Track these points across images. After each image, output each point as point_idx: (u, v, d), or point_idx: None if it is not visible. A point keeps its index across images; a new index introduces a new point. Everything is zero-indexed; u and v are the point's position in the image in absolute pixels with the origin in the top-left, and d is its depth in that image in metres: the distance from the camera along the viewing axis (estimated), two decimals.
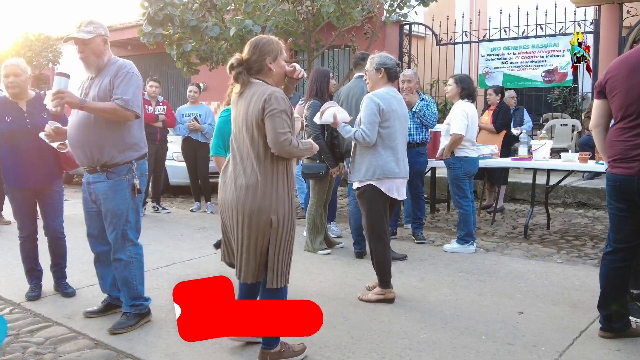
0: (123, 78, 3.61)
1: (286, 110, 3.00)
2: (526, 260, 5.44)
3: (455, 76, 5.93)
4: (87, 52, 3.61)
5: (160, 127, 7.91)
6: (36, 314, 4.09)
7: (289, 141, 2.98)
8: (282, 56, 3.16)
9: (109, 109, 3.51)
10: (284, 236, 3.10)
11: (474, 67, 11.14)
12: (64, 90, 3.46)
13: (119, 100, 3.53)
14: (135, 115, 3.62)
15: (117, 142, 3.65)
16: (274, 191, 3.04)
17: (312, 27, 8.61)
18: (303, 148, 3.11)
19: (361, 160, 4.33)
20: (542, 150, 6.38)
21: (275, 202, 3.04)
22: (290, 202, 3.11)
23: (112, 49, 3.90)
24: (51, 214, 4.37)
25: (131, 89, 3.60)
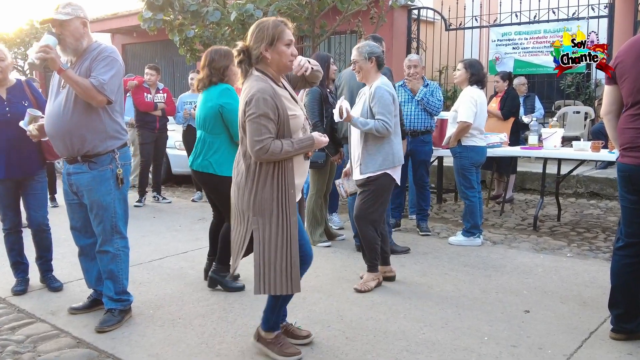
0: (103, 60, 3.43)
1: (266, 113, 2.77)
2: (535, 253, 5.21)
3: (465, 61, 5.66)
4: (65, 34, 3.42)
5: (160, 115, 7.73)
6: (20, 309, 3.94)
7: (265, 150, 2.76)
8: (281, 41, 2.86)
9: (82, 85, 3.31)
10: (271, 238, 2.87)
11: (484, 53, 10.83)
12: (52, 48, 3.28)
13: (95, 80, 3.34)
14: (107, 101, 3.40)
15: (97, 130, 3.46)
16: (258, 191, 2.86)
17: (317, 12, 8.36)
18: (292, 149, 2.85)
19: (377, 150, 4.18)
20: (553, 139, 6.13)
21: (259, 203, 2.85)
22: (282, 202, 2.86)
23: (118, 36, 3.76)
24: (34, 205, 4.20)
25: (110, 72, 3.41)
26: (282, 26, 2.87)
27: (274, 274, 2.88)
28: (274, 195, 2.85)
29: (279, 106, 2.82)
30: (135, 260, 4.96)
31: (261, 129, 2.76)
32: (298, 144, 2.87)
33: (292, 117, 2.88)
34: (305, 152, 2.96)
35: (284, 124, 2.85)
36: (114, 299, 3.63)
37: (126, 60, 15.95)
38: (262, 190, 2.85)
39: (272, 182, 2.86)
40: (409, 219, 6.52)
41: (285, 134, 2.86)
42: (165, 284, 4.42)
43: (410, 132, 5.84)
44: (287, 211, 2.87)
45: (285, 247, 2.87)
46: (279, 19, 2.93)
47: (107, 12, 15.05)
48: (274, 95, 2.81)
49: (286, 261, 2.87)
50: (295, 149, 2.86)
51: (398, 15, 10.55)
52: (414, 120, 5.87)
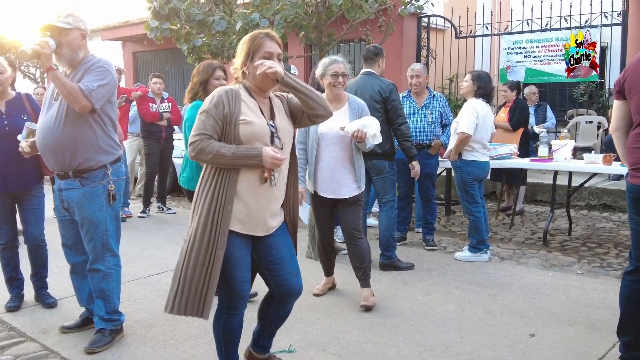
0: (95, 70, 3.38)
1: (209, 109, 2.59)
2: (543, 270, 5.04)
3: (473, 72, 5.50)
4: (62, 42, 3.36)
5: (165, 125, 7.67)
6: (12, 327, 3.86)
7: (195, 146, 2.55)
8: (258, 54, 2.67)
9: (69, 86, 3.24)
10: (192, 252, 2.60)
11: (495, 61, 10.66)
12: (49, 46, 3.23)
13: (83, 85, 3.28)
14: (91, 108, 3.30)
15: (89, 144, 3.39)
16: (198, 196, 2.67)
17: (324, 21, 8.26)
18: (230, 155, 2.54)
19: (361, 164, 4.20)
20: (564, 151, 5.95)
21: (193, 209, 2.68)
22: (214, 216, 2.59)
23: (129, 44, 3.71)
24: (31, 220, 4.13)
25: (99, 82, 3.34)
26: (262, 38, 2.69)
27: (187, 292, 2.62)
28: (207, 207, 2.60)
29: (228, 106, 2.60)
30: (133, 275, 4.90)
31: (199, 124, 2.60)
32: (239, 151, 2.57)
33: (242, 121, 2.61)
34: (249, 165, 2.60)
35: (230, 126, 2.60)
36: (105, 318, 3.54)
37: (137, 67, 15.98)
38: (201, 200, 2.64)
39: (209, 192, 2.62)
40: (415, 232, 6.38)
41: (234, 140, 2.60)
42: (161, 301, 4.30)
43: (416, 145, 5.71)
44: (216, 227, 2.59)
45: (207, 266, 2.59)
46: (263, 30, 2.76)
47: (118, 20, 15.08)
48: (230, 96, 2.63)
49: (203, 282, 2.60)
50: (234, 156, 2.56)
51: (408, 23, 10.42)
52: (419, 132, 5.74)
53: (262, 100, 2.76)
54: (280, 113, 2.82)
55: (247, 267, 2.74)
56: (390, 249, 5.04)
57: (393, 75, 10.14)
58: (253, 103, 2.70)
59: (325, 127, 4.03)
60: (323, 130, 4.06)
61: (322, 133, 4.08)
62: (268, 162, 2.60)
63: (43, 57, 3.21)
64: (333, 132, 4.05)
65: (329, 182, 4.10)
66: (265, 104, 2.77)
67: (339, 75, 4.09)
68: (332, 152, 4.08)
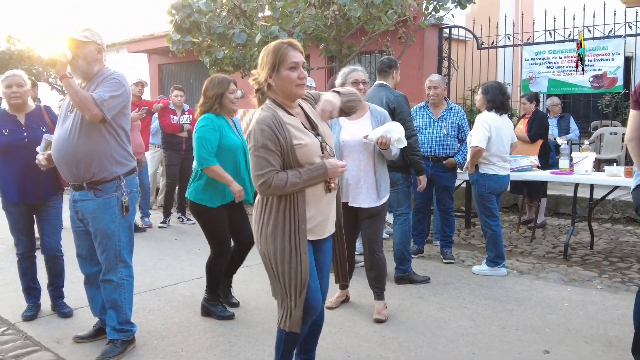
0: (108, 82, 3.44)
1: (265, 145, 2.58)
2: (562, 285, 4.95)
3: (484, 85, 5.43)
4: (78, 55, 3.42)
5: (186, 136, 7.75)
6: (27, 336, 3.92)
7: (268, 184, 2.58)
8: (284, 65, 2.64)
9: (81, 94, 3.29)
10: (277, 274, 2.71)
11: (517, 72, 10.55)
12: (67, 56, 3.31)
13: (95, 94, 3.33)
14: (102, 117, 3.35)
15: (104, 156, 3.44)
16: (263, 225, 2.71)
17: (344, 32, 8.28)
18: (300, 180, 2.61)
19: (385, 173, 4.18)
20: (585, 163, 5.86)
21: (264, 237, 2.71)
22: (291, 238, 2.66)
23: (154, 57, 3.77)
24: (48, 230, 4.20)
25: (112, 92, 3.40)
26: (285, 48, 2.65)
27: (280, 309, 2.77)
28: (280, 230, 2.66)
29: (280, 135, 2.60)
30: (149, 285, 4.94)
31: (261, 162, 2.59)
32: (307, 173, 2.63)
33: (297, 146, 2.63)
34: (318, 182, 2.69)
35: (289, 153, 2.63)
36: (117, 329, 3.57)
37: (162, 79, 16.19)
38: (266, 224, 2.69)
39: (277, 215, 2.67)
40: (433, 245, 6.32)
41: (293, 164, 2.64)
42: (175, 312, 4.34)
43: (432, 157, 5.67)
44: (296, 248, 2.66)
45: (293, 285, 2.68)
46: (284, 40, 2.73)
47: (144, 33, 15.33)
48: (275, 124, 2.61)
49: (290, 299, 2.70)
50: (305, 180, 2.63)
51: (429, 34, 10.38)
52: (435, 145, 5.69)
53: (297, 112, 2.78)
54: (317, 118, 2.85)
55: (316, 274, 2.82)
56: (405, 263, 5.00)
57: (414, 87, 10.10)
58: (295, 121, 2.71)
59: (347, 135, 4.04)
60: (345, 138, 4.05)
61: (345, 141, 4.06)
62: (335, 173, 2.73)
63: (59, 64, 3.27)
64: (355, 140, 4.03)
65: (351, 191, 4.07)
66: (300, 115, 2.79)
67: (359, 82, 4.15)
68: (354, 160, 4.04)
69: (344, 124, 4.12)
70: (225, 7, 8.38)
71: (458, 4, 8.20)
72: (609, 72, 8.60)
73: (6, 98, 4.11)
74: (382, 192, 4.11)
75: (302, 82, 2.68)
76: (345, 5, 7.32)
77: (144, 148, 7.46)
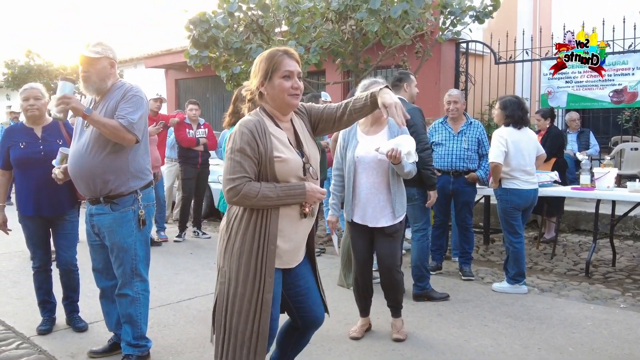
0: (130, 100, 3.41)
1: (242, 149, 2.42)
2: (585, 304, 4.83)
3: (502, 100, 5.34)
4: (91, 71, 3.42)
5: (202, 150, 7.75)
6: (42, 350, 3.89)
7: (237, 191, 2.39)
8: (278, 73, 2.50)
9: (111, 126, 3.29)
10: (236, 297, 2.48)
11: (535, 87, 10.47)
12: (69, 96, 3.28)
13: (124, 120, 3.31)
14: (136, 140, 3.38)
15: (121, 171, 3.42)
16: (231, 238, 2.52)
17: (361, 47, 8.28)
18: (274, 195, 2.42)
19: (401, 192, 4.01)
20: (606, 179, 5.75)
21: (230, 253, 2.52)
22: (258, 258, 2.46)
23: (172, 71, 3.77)
24: (63, 245, 4.18)
25: (138, 112, 3.40)
26: (280, 56, 2.52)
27: (234, 341, 2.48)
28: (248, 247, 2.46)
29: (261, 143, 2.44)
30: (164, 300, 4.90)
31: (235, 166, 2.41)
32: (283, 190, 2.44)
33: (277, 159, 2.46)
34: (293, 202, 2.49)
35: (266, 165, 2.46)
36: (132, 344, 3.53)
37: (179, 94, 16.31)
38: (233, 239, 2.50)
39: (245, 231, 2.48)
40: (452, 261, 6.22)
41: (269, 177, 2.47)
42: (190, 327, 4.29)
43: (452, 172, 5.59)
44: (262, 269, 2.46)
45: (253, 312, 2.46)
46: (280, 48, 2.58)
47: (161, 49, 15.49)
48: (258, 130, 2.46)
49: (251, 330, 2.46)
50: (279, 196, 2.44)
51: (446, 49, 10.36)
52: (455, 159, 5.61)
53: (286, 127, 2.62)
54: (306, 137, 2.68)
55: (278, 304, 2.62)
56: (423, 280, 4.91)
57: (431, 101, 10.06)
58: (281, 134, 2.55)
59: (362, 151, 3.90)
60: (360, 154, 3.91)
61: (359, 157, 3.91)
62: (313, 198, 2.53)
63: (73, 110, 3.27)
64: (370, 156, 3.88)
65: (366, 209, 3.92)
66: (289, 130, 2.63)
67: None
68: (369, 177, 3.91)
69: (361, 139, 4.00)
70: (242, 22, 8.43)
71: (475, 18, 8.18)
72: (629, 86, 8.49)
73: (23, 110, 4.12)
74: (398, 210, 3.93)
75: (295, 92, 2.53)
76: (362, 20, 7.32)
77: (160, 162, 7.47)
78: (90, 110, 3.31)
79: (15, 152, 4.04)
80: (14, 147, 4.05)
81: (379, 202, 3.90)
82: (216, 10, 8.36)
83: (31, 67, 16.76)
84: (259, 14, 8.24)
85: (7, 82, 17.10)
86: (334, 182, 4.12)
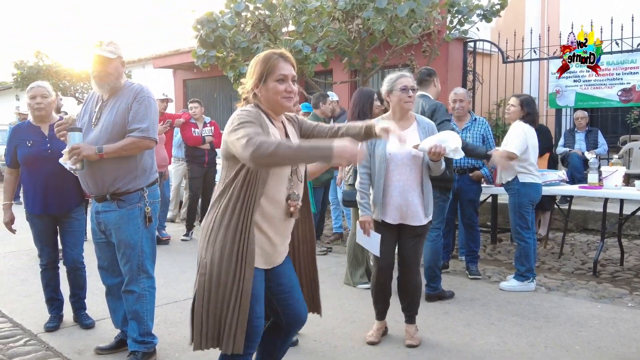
0: (142, 104, 3.43)
1: (251, 121, 2.38)
2: (592, 302, 4.81)
3: (521, 97, 5.33)
4: (106, 71, 3.44)
5: (208, 149, 7.78)
6: (49, 347, 3.91)
7: (254, 142, 2.25)
8: (272, 76, 2.51)
9: (130, 146, 3.36)
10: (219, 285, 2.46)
11: (544, 86, 10.42)
12: (79, 145, 3.27)
13: (137, 132, 3.36)
14: (155, 142, 3.47)
15: (129, 169, 3.45)
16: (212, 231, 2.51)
17: (368, 46, 8.27)
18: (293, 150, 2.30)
19: (430, 190, 3.84)
20: (614, 178, 5.72)
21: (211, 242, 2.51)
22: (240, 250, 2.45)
23: (180, 72, 3.79)
24: (70, 242, 4.20)
25: (149, 116, 3.45)
26: (276, 59, 2.52)
27: (213, 326, 2.48)
28: (231, 237, 2.45)
29: (263, 129, 2.43)
30: (171, 297, 4.92)
31: (247, 128, 2.33)
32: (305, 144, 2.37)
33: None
34: (314, 158, 2.38)
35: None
36: (138, 340, 3.54)
37: (187, 94, 16.35)
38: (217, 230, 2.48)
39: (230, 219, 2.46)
40: (459, 260, 6.21)
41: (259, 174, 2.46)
42: None
43: (456, 170, 5.57)
44: (242, 260, 2.45)
45: (235, 301, 2.44)
46: (276, 51, 2.59)
47: (169, 49, 15.53)
48: (259, 118, 2.46)
49: (231, 318, 2.45)
50: (301, 147, 2.34)
51: (453, 48, 10.33)
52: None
53: (278, 126, 2.62)
54: (295, 138, 2.69)
55: (263, 303, 2.60)
56: (436, 280, 4.87)
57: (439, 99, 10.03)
58: (274, 130, 2.55)
59: (394, 147, 3.64)
60: (392, 150, 3.70)
61: (392, 153, 3.72)
62: (342, 159, 2.28)
63: (86, 157, 3.28)
64: (404, 153, 3.69)
65: (399, 207, 3.76)
66: (281, 129, 2.63)
67: (408, 89, 3.71)
68: (402, 174, 3.73)
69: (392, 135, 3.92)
70: (249, 22, 8.43)
71: (483, 17, 8.14)
72: (637, 85, 8.44)
73: (30, 109, 4.14)
74: (429, 209, 3.79)
75: (289, 95, 2.53)
76: (369, 19, 7.31)
77: (167, 161, 7.51)
78: (102, 149, 3.31)
79: (22, 150, 4.06)
80: (22, 146, 4.07)
81: (412, 200, 3.75)
82: (223, 10, 8.36)
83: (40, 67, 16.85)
84: (266, 14, 8.24)
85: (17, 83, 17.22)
86: (360, 180, 3.90)
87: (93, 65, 3.45)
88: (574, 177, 7.82)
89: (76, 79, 16.65)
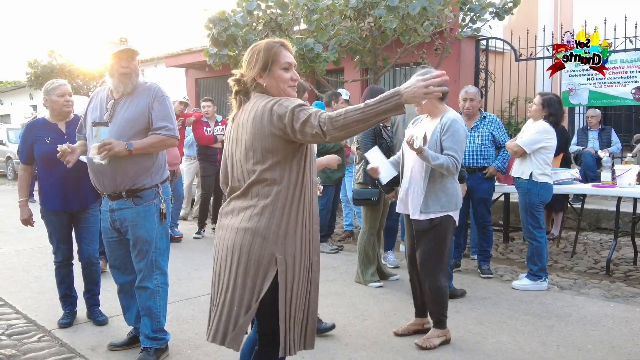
0: (162, 103, 3.49)
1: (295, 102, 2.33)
2: (605, 302, 4.78)
3: (544, 97, 5.28)
4: (131, 67, 3.47)
5: (220, 147, 7.80)
6: (63, 343, 3.95)
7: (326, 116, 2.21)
8: (277, 64, 2.43)
9: (158, 144, 3.45)
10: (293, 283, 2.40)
11: (557, 84, 10.35)
12: (110, 140, 3.27)
13: (165, 130, 3.44)
14: (178, 140, 3.58)
15: (146, 166, 3.50)
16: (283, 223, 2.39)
17: (379, 45, 8.27)
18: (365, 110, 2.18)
19: (442, 189, 3.76)
20: (627, 176, 5.68)
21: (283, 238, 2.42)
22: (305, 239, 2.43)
23: (192, 71, 3.88)
24: (86, 238, 4.24)
25: (171, 114, 3.54)
26: (278, 47, 2.45)
27: (294, 327, 2.42)
28: (298, 230, 2.39)
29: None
30: (183, 295, 4.95)
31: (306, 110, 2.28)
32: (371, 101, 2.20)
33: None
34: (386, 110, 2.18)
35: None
36: (150, 337, 3.57)
37: (199, 93, 16.41)
38: (277, 225, 2.36)
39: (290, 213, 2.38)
40: (471, 259, 6.19)
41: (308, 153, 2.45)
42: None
43: (467, 168, 5.54)
44: (309, 250, 2.43)
45: (305, 295, 2.44)
46: (276, 40, 2.51)
47: (181, 48, 15.61)
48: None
49: (304, 313, 2.44)
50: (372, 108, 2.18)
51: (465, 45, 10.30)
52: (468, 155, 5.50)
53: None
54: None
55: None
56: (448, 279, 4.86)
57: (450, 98, 9.92)
58: None
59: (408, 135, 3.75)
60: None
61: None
62: (419, 95, 2.19)
63: (117, 154, 3.29)
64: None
65: (405, 196, 3.90)
66: None
67: None
68: (408, 164, 3.90)
69: (420, 124, 3.93)
70: (261, 20, 8.46)
71: (495, 15, 8.11)
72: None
73: (58, 106, 4.13)
74: (429, 206, 3.73)
75: (294, 83, 2.48)
76: (380, 17, 7.30)
77: (179, 159, 7.54)
78: (132, 145, 3.33)
79: (41, 147, 4.09)
80: (39, 143, 4.10)
81: (414, 190, 3.82)
82: (235, 8, 8.39)
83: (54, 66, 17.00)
84: (278, 12, 8.26)
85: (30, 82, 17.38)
86: None
87: (119, 62, 3.41)
88: (587, 175, 7.78)
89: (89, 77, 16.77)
